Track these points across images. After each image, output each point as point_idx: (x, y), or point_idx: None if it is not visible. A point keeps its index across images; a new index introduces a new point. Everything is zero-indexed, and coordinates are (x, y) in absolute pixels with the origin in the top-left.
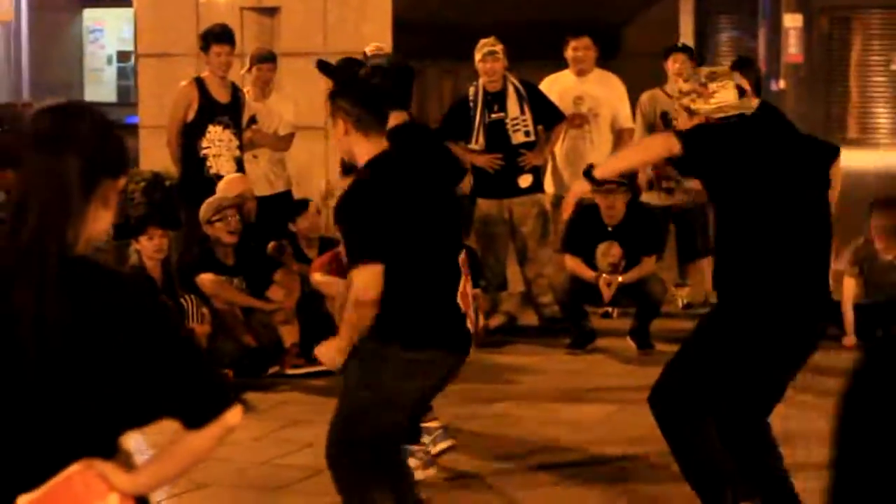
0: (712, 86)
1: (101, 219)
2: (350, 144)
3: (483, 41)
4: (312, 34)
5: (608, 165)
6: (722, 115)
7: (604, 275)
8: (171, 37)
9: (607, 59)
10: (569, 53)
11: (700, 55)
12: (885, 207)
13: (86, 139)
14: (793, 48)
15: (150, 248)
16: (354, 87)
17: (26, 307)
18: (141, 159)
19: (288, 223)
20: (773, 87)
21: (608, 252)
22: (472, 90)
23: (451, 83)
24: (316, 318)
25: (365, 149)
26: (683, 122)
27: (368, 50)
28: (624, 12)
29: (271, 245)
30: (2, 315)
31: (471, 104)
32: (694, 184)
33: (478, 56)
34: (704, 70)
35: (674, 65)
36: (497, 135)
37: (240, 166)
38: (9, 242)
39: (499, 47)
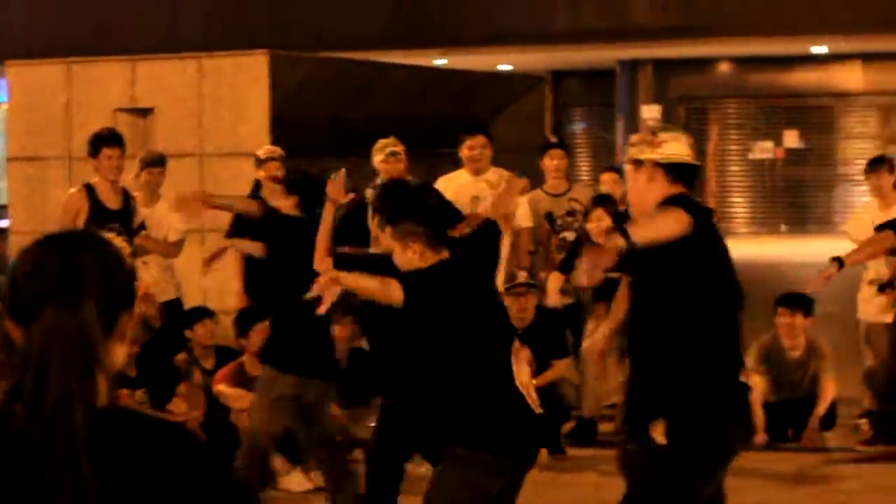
0: (662, 135)
1: (119, 355)
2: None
3: (383, 141)
4: (187, 135)
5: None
6: (668, 161)
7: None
8: (42, 140)
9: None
10: (464, 153)
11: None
12: (791, 305)
13: (100, 277)
14: None
15: None
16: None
17: (62, 485)
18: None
19: (184, 331)
20: None
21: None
22: (369, 192)
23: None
24: (221, 431)
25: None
26: (630, 174)
27: (261, 153)
28: (492, 106)
29: (181, 356)
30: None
31: (368, 206)
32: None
33: (378, 157)
34: (656, 125)
35: (551, 161)
36: None
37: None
38: (29, 415)
39: (400, 147)
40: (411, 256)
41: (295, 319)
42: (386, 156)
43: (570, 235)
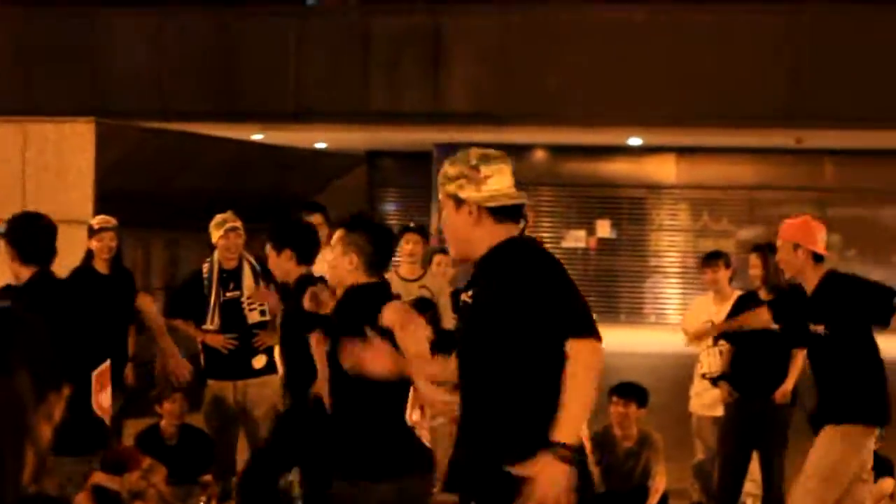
0: (485, 170)
1: (46, 435)
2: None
3: (222, 216)
4: (11, 202)
5: None
6: (495, 204)
7: None
8: None
9: None
10: None
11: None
12: (624, 394)
13: (32, 351)
14: None
15: None
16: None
17: None
18: None
19: None
20: None
21: None
22: (206, 267)
23: (142, 252)
24: None
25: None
26: (450, 213)
27: (95, 223)
28: (313, 183)
29: None
30: None
31: (205, 281)
32: None
33: (218, 232)
34: (475, 151)
35: (406, 245)
36: (232, 314)
37: None
38: None
39: (239, 223)
40: (347, 266)
41: None
42: (226, 231)
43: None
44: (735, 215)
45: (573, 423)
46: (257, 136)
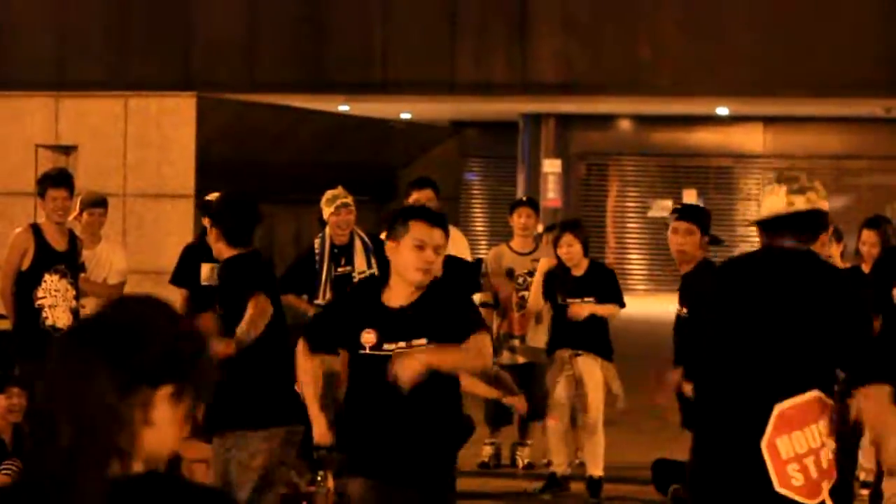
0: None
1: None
2: None
3: (333, 192)
4: (111, 174)
5: None
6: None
7: None
8: None
9: (384, 201)
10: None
11: (457, 198)
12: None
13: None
14: (551, 193)
15: (2, 408)
16: None
17: None
18: None
19: None
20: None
21: None
22: (317, 242)
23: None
24: None
25: None
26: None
27: (212, 199)
28: (404, 155)
29: None
30: None
31: (317, 257)
32: (537, 342)
33: (329, 208)
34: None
35: (519, 219)
36: (343, 289)
37: (77, 317)
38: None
39: (350, 199)
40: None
41: None
42: (337, 207)
43: (528, 295)
44: (822, 185)
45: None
46: (343, 108)
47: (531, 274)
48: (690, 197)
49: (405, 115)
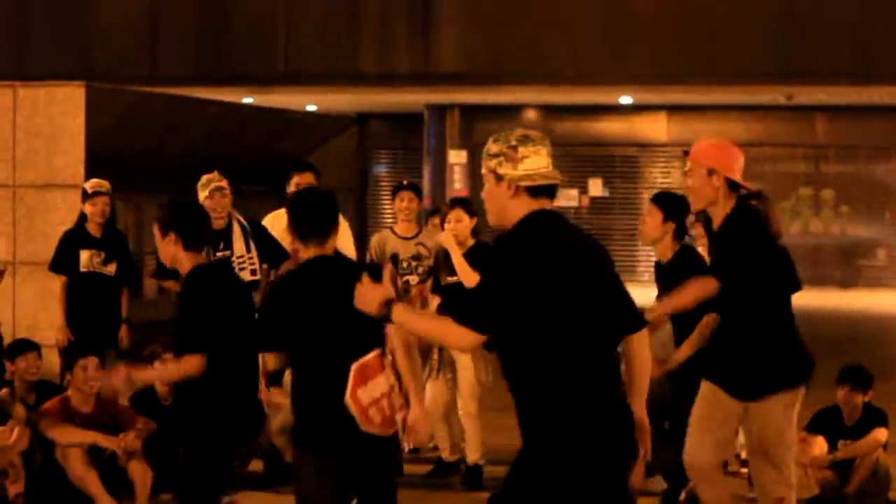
0: (523, 150)
1: None
2: None
3: (207, 177)
4: (1, 165)
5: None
6: (530, 183)
7: None
8: None
9: (284, 192)
10: (292, 189)
11: (362, 188)
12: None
13: None
14: (458, 183)
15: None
16: None
17: None
18: None
19: (5, 363)
20: None
21: None
22: None
23: (133, 214)
24: (44, 467)
25: None
26: (491, 186)
27: (88, 187)
28: (303, 145)
29: (3, 391)
30: None
31: None
32: None
33: (203, 192)
34: (518, 132)
35: (401, 203)
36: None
37: None
38: None
39: (225, 182)
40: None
41: None
42: (211, 191)
43: (413, 279)
44: None
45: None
46: (248, 100)
47: (416, 258)
48: (596, 186)
49: (311, 108)
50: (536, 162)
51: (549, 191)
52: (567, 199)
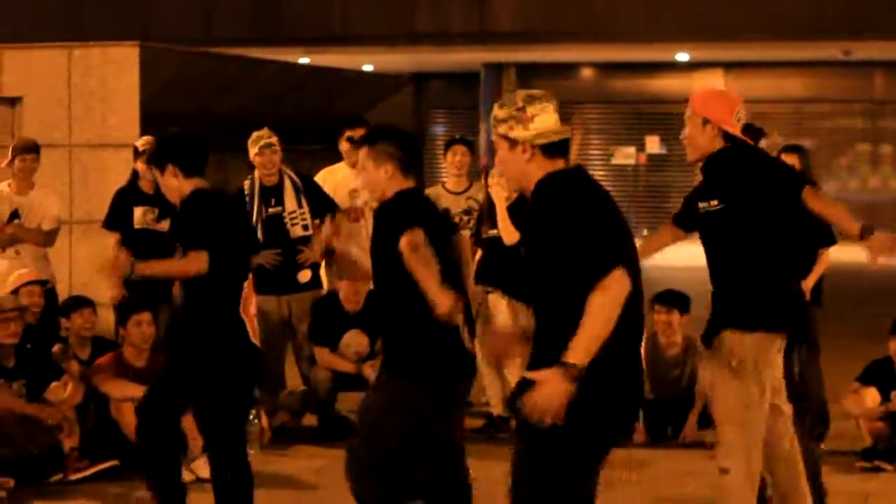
0: (531, 110)
1: None
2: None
3: (257, 133)
4: (56, 125)
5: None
6: (545, 141)
7: (369, 361)
8: None
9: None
10: (343, 145)
11: (420, 147)
12: (667, 302)
13: None
14: None
15: None
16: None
17: None
18: None
19: (60, 320)
20: None
21: (353, 342)
22: (247, 184)
23: None
24: (98, 421)
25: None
26: (505, 152)
27: (139, 144)
28: (357, 105)
29: (57, 347)
30: None
31: (247, 198)
32: None
33: (253, 149)
34: (521, 93)
35: (453, 157)
36: (275, 229)
37: None
38: None
39: (275, 139)
40: (382, 176)
41: None
42: (261, 148)
43: (465, 234)
44: (783, 129)
45: (588, 345)
46: (304, 60)
47: (467, 213)
48: (653, 144)
49: (367, 67)
50: (546, 120)
51: (562, 150)
52: (625, 156)
